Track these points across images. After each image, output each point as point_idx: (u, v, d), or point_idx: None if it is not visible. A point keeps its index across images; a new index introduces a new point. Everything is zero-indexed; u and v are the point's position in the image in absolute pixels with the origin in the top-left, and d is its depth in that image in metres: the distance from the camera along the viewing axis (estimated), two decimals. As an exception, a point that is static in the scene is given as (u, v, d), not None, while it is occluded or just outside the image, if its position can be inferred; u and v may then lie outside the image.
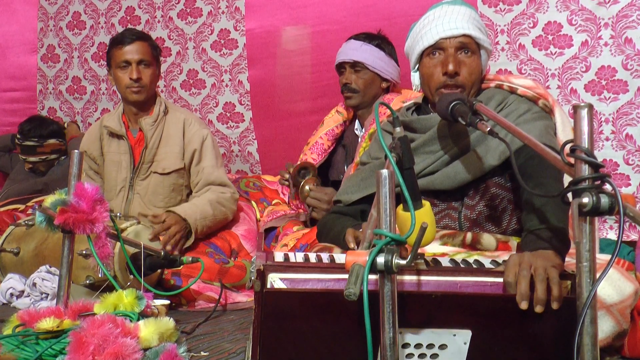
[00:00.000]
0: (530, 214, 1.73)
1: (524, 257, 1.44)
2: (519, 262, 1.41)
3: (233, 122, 3.88)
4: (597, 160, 1.25)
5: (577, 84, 3.05)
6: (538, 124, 1.91)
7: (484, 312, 1.38)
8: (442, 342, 1.37)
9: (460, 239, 1.85)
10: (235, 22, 3.80)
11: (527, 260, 1.41)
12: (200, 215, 2.73)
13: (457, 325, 1.37)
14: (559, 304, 1.34)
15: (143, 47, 2.90)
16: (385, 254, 1.15)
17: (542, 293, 1.34)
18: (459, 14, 1.97)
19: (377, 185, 1.19)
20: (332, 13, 3.55)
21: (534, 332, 1.39)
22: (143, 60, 2.89)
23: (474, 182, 1.91)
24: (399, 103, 2.61)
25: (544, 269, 1.38)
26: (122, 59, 2.87)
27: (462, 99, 1.76)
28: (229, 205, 2.90)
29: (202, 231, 2.75)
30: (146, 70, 2.89)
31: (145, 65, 2.89)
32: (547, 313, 1.35)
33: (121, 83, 2.89)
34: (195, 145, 2.94)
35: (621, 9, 2.95)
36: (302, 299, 1.35)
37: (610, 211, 1.21)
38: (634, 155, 2.97)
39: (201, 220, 2.73)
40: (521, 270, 1.37)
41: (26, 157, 3.88)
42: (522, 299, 1.34)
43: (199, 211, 2.74)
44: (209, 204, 2.79)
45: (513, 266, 1.40)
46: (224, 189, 2.91)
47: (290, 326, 1.37)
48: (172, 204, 2.92)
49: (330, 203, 2.64)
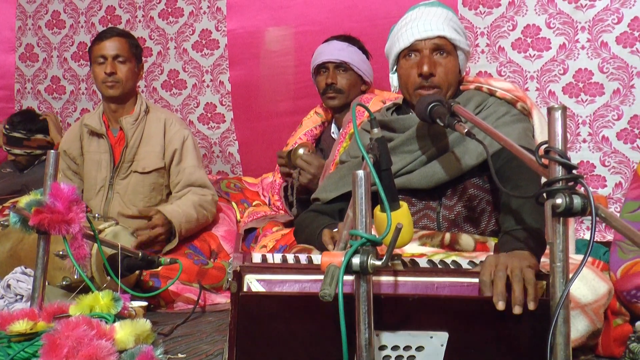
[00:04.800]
0: (508, 215, 1.74)
1: (499, 258, 1.44)
2: (495, 263, 1.42)
3: (214, 122, 3.87)
4: (571, 162, 1.26)
5: (555, 86, 3.08)
6: (517, 126, 1.92)
7: (460, 314, 1.39)
8: (419, 344, 1.38)
9: (439, 240, 1.86)
10: (217, 22, 3.79)
11: (503, 261, 1.42)
12: (185, 218, 2.74)
13: (434, 327, 1.37)
14: (535, 304, 1.35)
15: (120, 43, 2.91)
16: (360, 254, 1.15)
17: (519, 293, 1.35)
18: (435, 16, 1.98)
19: (353, 186, 1.19)
20: (314, 14, 3.55)
21: (509, 333, 1.40)
22: (119, 55, 2.90)
23: (452, 183, 1.91)
24: (378, 103, 2.62)
25: (520, 270, 1.38)
26: (98, 54, 2.89)
27: (440, 100, 1.76)
28: (210, 208, 2.90)
29: (184, 234, 2.75)
30: (122, 66, 2.90)
31: (121, 61, 2.90)
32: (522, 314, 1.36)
33: (97, 78, 2.91)
34: (175, 145, 2.94)
35: (597, 13, 2.98)
36: (278, 301, 1.35)
37: (583, 212, 1.22)
38: (610, 157, 3.01)
39: (185, 223, 2.74)
40: (497, 271, 1.38)
41: (10, 149, 3.82)
42: (499, 300, 1.35)
43: (184, 214, 2.74)
44: (192, 207, 2.79)
45: (489, 266, 1.41)
46: (205, 191, 2.91)
47: (266, 328, 1.37)
48: (152, 203, 2.92)
49: (320, 169, 2.65)
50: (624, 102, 2.96)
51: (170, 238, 2.70)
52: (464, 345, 1.40)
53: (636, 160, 2.94)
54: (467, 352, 1.41)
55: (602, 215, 1.27)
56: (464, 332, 1.39)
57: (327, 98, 2.91)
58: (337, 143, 2.59)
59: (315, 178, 2.67)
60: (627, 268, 1.99)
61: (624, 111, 2.97)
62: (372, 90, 2.97)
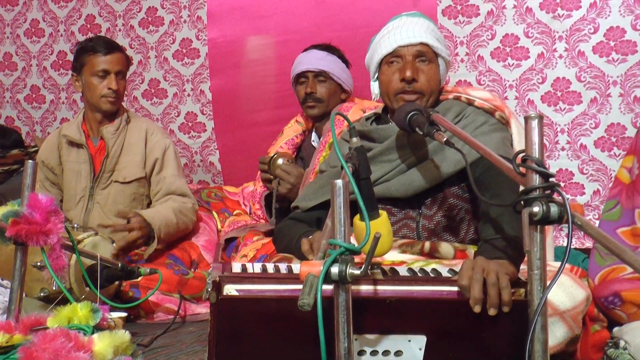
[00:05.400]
0: (487, 224, 1.75)
1: (477, 261, 1.46)
2: (472, 267, 1.43)
3: (195, 132, 3.86)
4: (547, 170, 1.27)
5: (534, 95, 3.12)
6: (495, 135, 1.94)
7: (437, 317, 1.40)
8: (397, 348, 1.39)
9: (419, 248, 1.87)
10: (197, 31, 3.79)
11: (480, 264, 1.44)
12: (164, 222, 2.71)
13: (412, 331, 1.39)
14: (509, 307, 1.37)
15: (122, 59, 2.93)
16: (339, 264, 1.15)
17: (494, 297, 1.37)
18: (417, 24, 2.01)
19: (332, 196, 1.19)
20: (295, 23, 3.56)
21: (487, 337, 1.41)
22: (121, 71, 2.91)
23: (432, 192, 1.93)
24: (358, 112, 2.63)
25: (495, 273, 1.41)
26: (100, 68, 2.86)
27: (419, 109, 1.78)
28: (190, 216, 2.89)
29: (164, 238, 2.72)
30: (122, 81, 2.93)
31: (121, 76, 2.92)
32: (500, 317, 1.38)
33: (95, 91, 2.87)
34: (157, 155, 2.93)
35: (574, 22, 3.03)
36: (257, 306, 1.35)
37: (560, 220, 1.24)
38: (588, 165, 3.04)
39: (165, 227, 2.71)
40: (474, 275, 1.40)
41: None
42: (476, 303, 1.37)
43: (164, 218, 2.72)
44: (172, 212, 2.78)
45: (467, 270, 1.43)
46: (185, 199, 2.90)
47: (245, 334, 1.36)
48: (132, 214, 2.89)
49: (299, 178, 2.65)
50: (601, 111, 3.01)
51: (149, 242, 2.68)
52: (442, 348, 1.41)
53: (613, 167, 2.98)
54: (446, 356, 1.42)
55: (579, 223, 1.28)
56: (442, 335, 1.40)
57: (307, 107, 2.92)
58: (317, 152, 2.60)
59: (294, 187, 2.67)
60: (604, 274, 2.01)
61: (601, 119, 3.01)
62: (352, 99, 2.98)
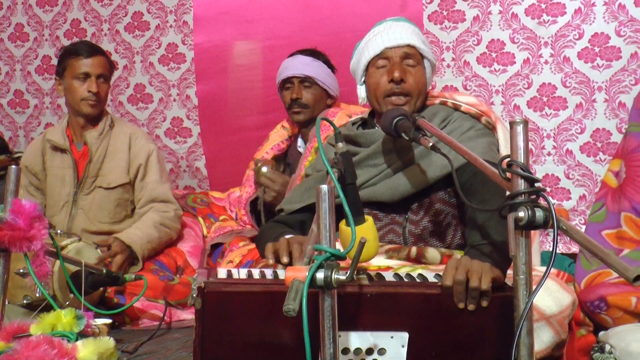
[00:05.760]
0: (473, 230, 1.76)
1: (461, 261, 1.47)
2: (456, 266, 1.44)
3: (181, 137, 3.84)
4: (533, 175, 1.28)
5: (520, 100, 3.14)
6: (481, 140, 1.95)
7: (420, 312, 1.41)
8: (380, 346, 1.39)
9: (405, 253, 1.87)
10: (183, 36, 3.78)
11: (464, 264, 1.44)
12: (146, 239, 2.71)
13: (395, 328, 1.39)
14: (487, 301, 1.39)
15: (104, 62, 2.91)
16: (325, 269, 1.15)
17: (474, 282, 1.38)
18: (403, 28, 2.03)
19: (317, 201, 1.19)
20: (281, 28, 3.56)
21: (471, 333, 1.42)
22: (103, 74, 2.89)
23: (418, 197, 1.93)
24: (344, 117, 2.63)
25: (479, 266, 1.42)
26: (81, 70, 2.84)
27: (405, 114, 1.78)
28: (173, 225, 2.88)
29: (148, 254, 2.73)
30: (104, 85, 2.90)
31: (103, 80, 2.89)
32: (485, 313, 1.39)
33: (76, 94, 2.85)
34: (140, 160, 2.92)
35: (559, 28, 3.06)
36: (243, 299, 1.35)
37: (545, 225, 1.24)
38: (574, 170, 3.07)
39: (147, 244, 2.72)
40: (457, 275, 1.41)
41: None
42: (460, 301, 1.39)
43: (145, 236, 2.71)
44: (154, 226, 2.77)
45: (451, 269, 1.43)
46: (167, 207, 2.88)
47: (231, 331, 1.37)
48: (117, 219, 2.88)
49: (284, 186, 2.66)
50: (586, 116, 3.03)
51: (134, 262, 2.67)
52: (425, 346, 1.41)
53: (599, 173, 3.00)
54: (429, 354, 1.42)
55: (564, 228, 1.29)
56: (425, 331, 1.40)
57: (293, 113, 2.92)
58: (303, 157, 2.59)
59: (280, 195, 2.67)
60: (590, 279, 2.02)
61: (586, 125, 3.03)
62: (338, 104, 2.99)
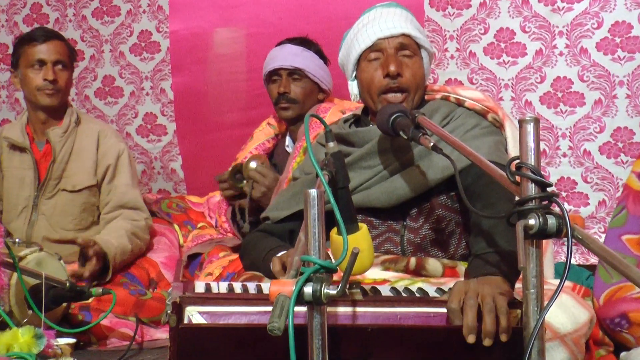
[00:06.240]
0: (478, 237, 1.77)
1: (469, 284, 1.47)
2: (464, 290, 1.44)
3: (154, 135, 3.84)
4: (544, 179, 1.29)
5: (532, 95, 3.15)
6: (487, 139, 1.96)
7: (425, 347, 1.40)
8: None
9: (404, 264, 1.87)
10: (158, 22, 3.78)
11: (474, 288, 1.44)
12: (120, 249, 2.71)
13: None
14: (507, 335, 1.38)
15: (61, 48, 2.89)
16: (313, 283, 1.15)
17: (491, 325, 1.37)
18: (395, 15, 2.03)
19: (305, 207, 1.20)
20: (267, 14, 3.57)
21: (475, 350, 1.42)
22: (60, 61, 2.87)
23: (417, 202, 1.94)
24: (337, 113, 2.64)
25: (492, 298, 1.41)
26: (35, 58, 2.84)
27: (403, 111, 1.79)
28: (143, 236, 2.89)
29: (118, 266, 2.73)
30: (62, 73, 2.88)
31: (62, 67, 2.88)
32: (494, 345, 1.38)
33: (31, 84, 2.85)
34: (109, 160, 2.92)
35: (575, 16, 3.07)
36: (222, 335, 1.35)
37: (558, 233, 1.25)
38: (593, 173, 3.08)
39: (120, 255, 2.72)
40: (467, 300, 1.40)
41: None
42: (470, 332, 1.37)
43: (119, 246, 2.71)
44: (126, 237, 2.77)
45: (458, 293, 1.43)
46: (137, 215, 2.89)
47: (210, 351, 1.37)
48: (82, 226, 2.89)
49: (274, 182, 2.67)
50: (606, 114, 3.04)
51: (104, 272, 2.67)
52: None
53: (620, 176, 3.01)
54: None
55: (579, 237, 1.30)
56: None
57: (280, 109, 2.92)
58: (291, 158, 2.60)
59: (269, 192, 2.69)
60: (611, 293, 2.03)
61: (606, 123, 3.04)
62: (330, 99, 3.00)
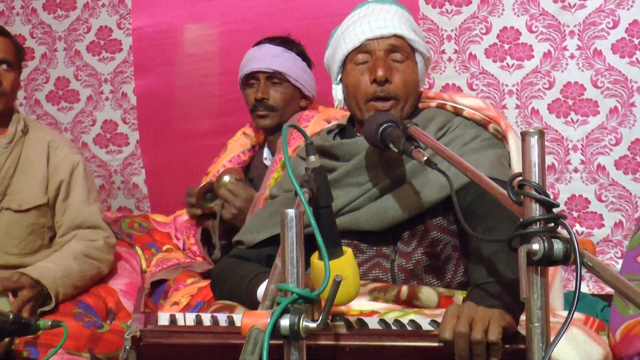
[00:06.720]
0: (478, 265, 1.78)
1: (463, 308, 1.48)
2: (457, 314, 1.45)
3: (114, 145, 3.84)
4: (550, 198, 1.30)
5: (540, 103, 3.17)
6: (488, 153, 1.97)
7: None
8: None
9: (394, 294, 1.88)
10: (120, 18, 3.79)
11: (467, 313, 1.45)
12: (61, 273, 2.67)
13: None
14: (497, 356, 1.40)
15: (6, 45, 2.86)
16: (291, 314, 1.15)
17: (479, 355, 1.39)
18: (389, 12, 2.04)
19: (282, 229, 1.20)
20: (243, 9, 3.58)
21: None
22: (5, 60, 2.85)
23: (410, 223, 1.94)
24: (321, 122, 2.65)
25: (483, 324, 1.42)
26: None
27: (394, 120, 1.80)
28: (102, 256, 2.85)
29: (65, 293, 2.68)
30: (7, 74, 2.85)
31: (7, 67, 2.85)
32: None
33: None
34: (62, 175, 2.90)
35: (588, 14, 3.09)
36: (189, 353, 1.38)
37: (565, 260, 1.26)
38: (608, 190, 3.08)
39: (64, 279, 2.67)
40: (459, 326, 1.42)
41: None
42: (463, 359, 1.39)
43: (61, 269, 2.68)
44: (72, 258, 2.74)
45: (450, 319, 1.44)
46: (95, 234, 2.87)
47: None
48: (29, 250, 2.86)
49: (248, 202, 2.67)
50: (622, 124, 3.06)
51: (46, 301, 2.64)
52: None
53: (639, 194, 3.03)
54: None
55: (589, 264, 1.31)
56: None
57: (257, 116, 2.92)
58: (269, 172, 2.61)
59: (241, 213, 2.69)
60: (629, 327, 2.03)
61: (623, 134, 3.06)
62: (314, 106, 3.01)
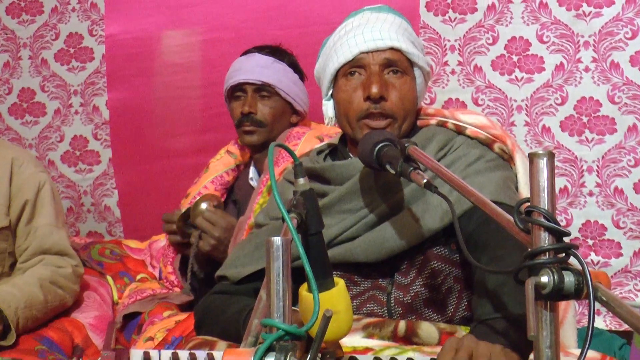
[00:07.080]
0: (483, 298, 1.78)
1: (463, 341, 1.48)
2: (456, 347, 1.45)
3: (84, 164, 3.84)
4: (561, 226, 1.30)
5: (551, 120, 3.18)
6: (494, 175, 1.98)
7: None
8: None
9: (391, 330, 1.87)
10: (91, 24, 3.80)
11: (467, 346, 1.45)
12: (24, 302, 2.66)
13: None
14: None
15: None
16: (276, 352, 1.16)
17: None
18: (386, 22, 2.05)
19: (268, 259, 1.21)
20: (227, 16, 3.60)
21: None
22: None
23: (408, 253, 1.94)
24: (313, 140, 2.66)
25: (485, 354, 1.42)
26: None
27: (391, 139, 1.81)
28: (68, 285, 2.84)
29: (26, 325, 2.66)
30: None
31: None
32: None
33: None
34: (27, 195, 2.90)
35: (605, 24, 3.11)
36: None
37: (577, 294, 1.26)
38: (626, 216, 3.09)
39: (25, 310, 2.66)
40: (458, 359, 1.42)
41: None
42: None
43: (23, 297, 2.67)
44: (38, 285, 2.73)
45: (448, 352, 1.44)
46: (63, 261, 2.86)
47: None
48: (-15, 278, 2.85)
49: (228, 232, 2.67)
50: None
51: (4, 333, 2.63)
52: None
53: (660, 220, 3.05)
54: None
55: (603, 299, 1.31)
56: None
57: (243, 132, 2.93)
58: (255, 194, 2.61)
59: (220, 244, 2.69)
60: (649, 367, 2.04)
61: (643, 155, 3.08)
62: (306, 122, 3.01)
